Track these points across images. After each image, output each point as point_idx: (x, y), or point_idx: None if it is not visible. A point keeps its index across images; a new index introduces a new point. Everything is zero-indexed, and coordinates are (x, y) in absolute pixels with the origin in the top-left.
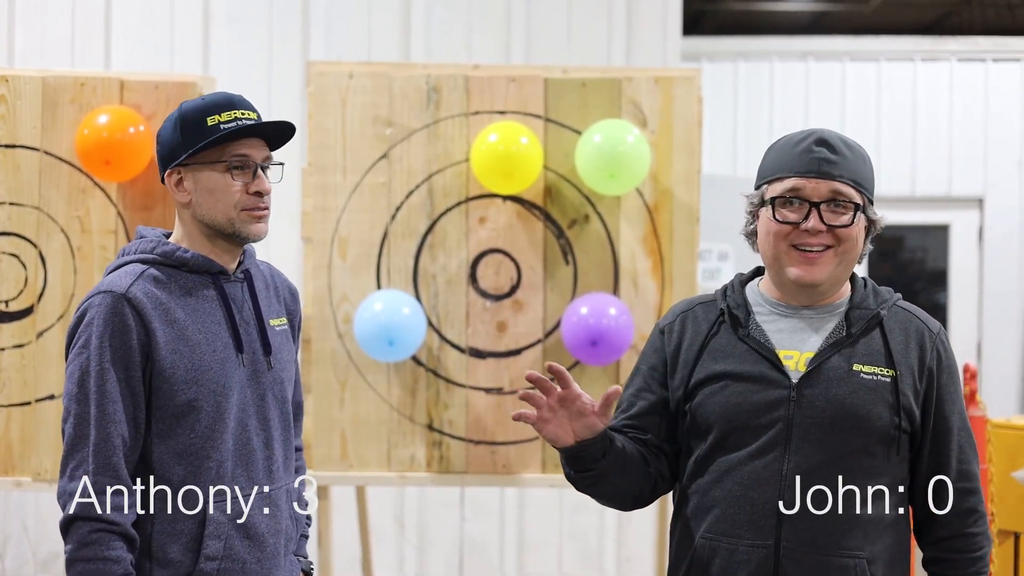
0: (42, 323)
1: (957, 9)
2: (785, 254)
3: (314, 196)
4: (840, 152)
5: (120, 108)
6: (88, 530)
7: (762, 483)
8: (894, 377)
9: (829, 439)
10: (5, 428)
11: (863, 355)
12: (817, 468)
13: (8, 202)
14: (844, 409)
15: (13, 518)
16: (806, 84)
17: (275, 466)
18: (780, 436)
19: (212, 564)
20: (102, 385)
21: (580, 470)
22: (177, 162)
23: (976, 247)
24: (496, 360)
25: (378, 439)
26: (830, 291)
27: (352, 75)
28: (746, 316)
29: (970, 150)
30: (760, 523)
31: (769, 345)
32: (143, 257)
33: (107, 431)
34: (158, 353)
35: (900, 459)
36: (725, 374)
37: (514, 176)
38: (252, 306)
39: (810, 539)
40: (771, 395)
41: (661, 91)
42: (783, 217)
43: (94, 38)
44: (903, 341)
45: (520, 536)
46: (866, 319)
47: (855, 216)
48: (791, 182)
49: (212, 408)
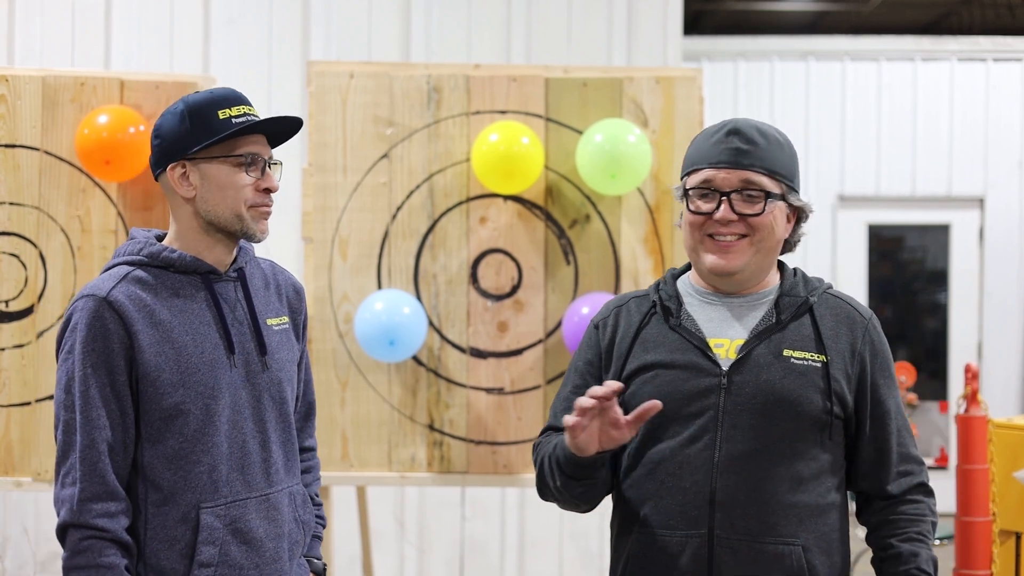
0: (42, 323)
1: (957, 9)
2: (700, 243)
3: (315, 196)
4: (752, 141)
5: (120, 108)
6: (79, 537)
7: (694, 471)
8: (825, 362)
9: (760, 425)
10: (5, 428)
11: (793, 341)
12: (749, 455)
13: (8, 202)
14: (775, 395)
15: (13, 519)
16: (806, 84)
17: (274, 469)
18: (711, 424)
19: (207, 571)
20: (85, 391)
21: (582, 478)
22: (185, 155)
23: (977, 247)
24: (497, 360)
25: (379, 439)
26: (752, 279)
27: (353, 75)
28: (677, 307)
29: (970, 150)
30: (693, 512)
31: (700, 334)
32: (130, 259)
33: (92, 437)
34: (142, 356)
35: (834, 444)
36: (656, 364)
37: (515, 176)
38: (246, 306)
39: (743, 527)
40: (702, 383)
41: (662, 91)
42: (696, 208)
43: (94, 38)
44: (833, 327)
45: (521, 536)
46: (795, 306)
47: (766, 205)
48: (704, 173)
49: (200, 411)
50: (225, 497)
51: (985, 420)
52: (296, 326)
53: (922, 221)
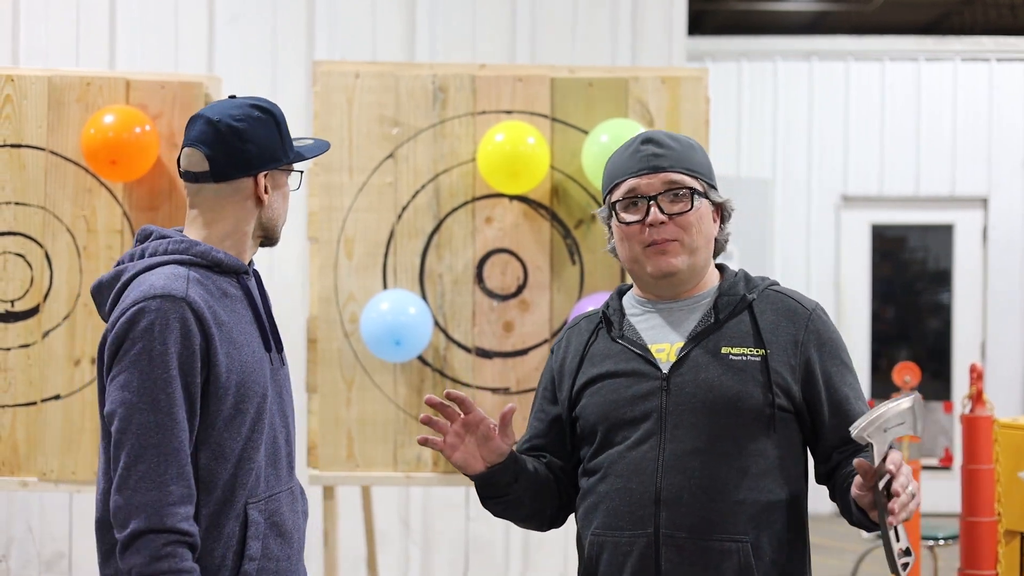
0: (48, 323)
1: (960, 9)
2: (641, 253)
3: (320, 196)
4: (666, 146)
5: (126, 108)
6: (163, 543)
7: (639, 472)
8: (764, 356)
9: (702, 423)
10: (11, 428)
11: (731, 338)
12: (692, 453)
13: (14, 202)
14: (713, 392)
15: (18, 519)
16: (810, 84)
17: (293, 461)
18: (655, 425)
19: (252, 565)
20: (171, 393)
21: (493, 496)
22: (280, 164)
23: (980, 247)
24: (503, 360)
25: (384, 439)
26: (691, 280)
27: (358, 75)
28: (620, 319)
29: (974, 150)
30: (639, 512)
31: (640, 341)
32: (179, 258)
33: (180, 440)
34: (216, 358)
35: (782, 439)
36: (602, 375)
37: (521, 176)
38: (263, 302)
39: (688, 524)
40: (644, 387)
41: (668, 91)
42: (625, 219)
43: (98, 37)
44: (774, 321)
45: (525, 537)
46: (733, 304)
47: (693, 201)
48: (627, 184)
49: (255, 411)
50: (264, 492)
51: (990, 420)
52: None
53: (926, 221)
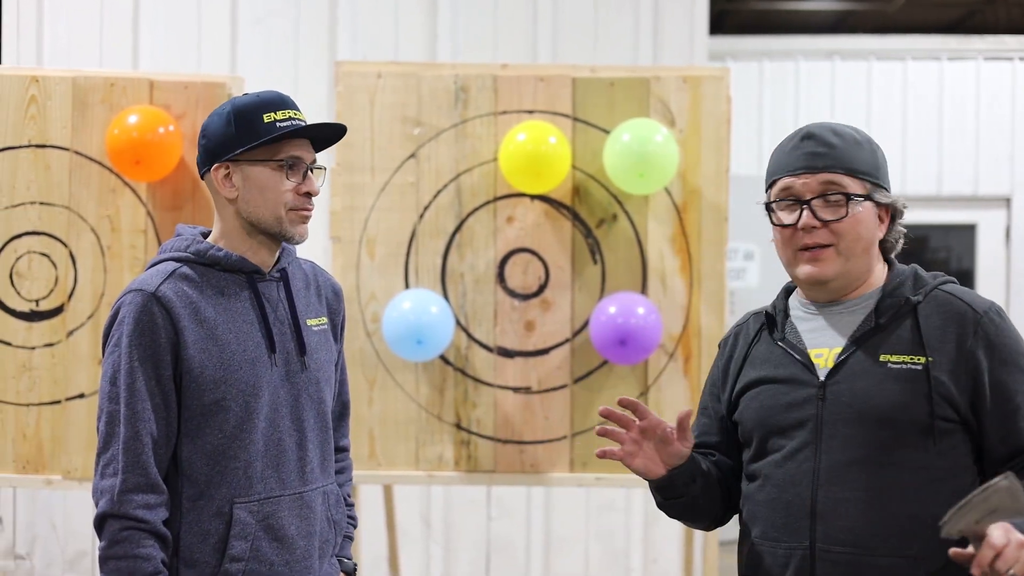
0: (72, 322)
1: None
2: (793, 257)
3: (342, 195)
4: (827, 143)
5: (150, 108)
6: (119, 527)
7: (795, 484)
8: (926, 364)
9: (859, 434)
10: (36, 426)
11: (893, 345)
12: (849, 465)
13: (39, 202)
14: (871, 401)
15: (42, 517)
16: (831, 83)
17: (309, 468)
18: (811, 435)
19: (237, 565)
20: (132, 383)
21: (671, 497)
22: (228, 156)
23: (1003, 247)
24: (524, 359)
25: (406, 438)
26: (849, 285)
27: (380, 75)
28: (783, 320)
29: (997, 149)
30: (795, 525)
31: (800, 346)
32: (177, 255)
33: (136, 429)
34: (186, 352)
35: (946, 451)
36: (761, 380)
37: (542, 175)
38: (287, 306)
39: (844, 539)
40: (799, 395)
41: (690, 90)
42: (779, 220)
43: (122, 38)
44: (940, 326)
45: (547, 536)
46: (896, 307)
47: (848, 208)
48: (782, 182)
49: (240, 408)
50: (259, 494)
51: None
52: (334, 327)
53: (948, 221)
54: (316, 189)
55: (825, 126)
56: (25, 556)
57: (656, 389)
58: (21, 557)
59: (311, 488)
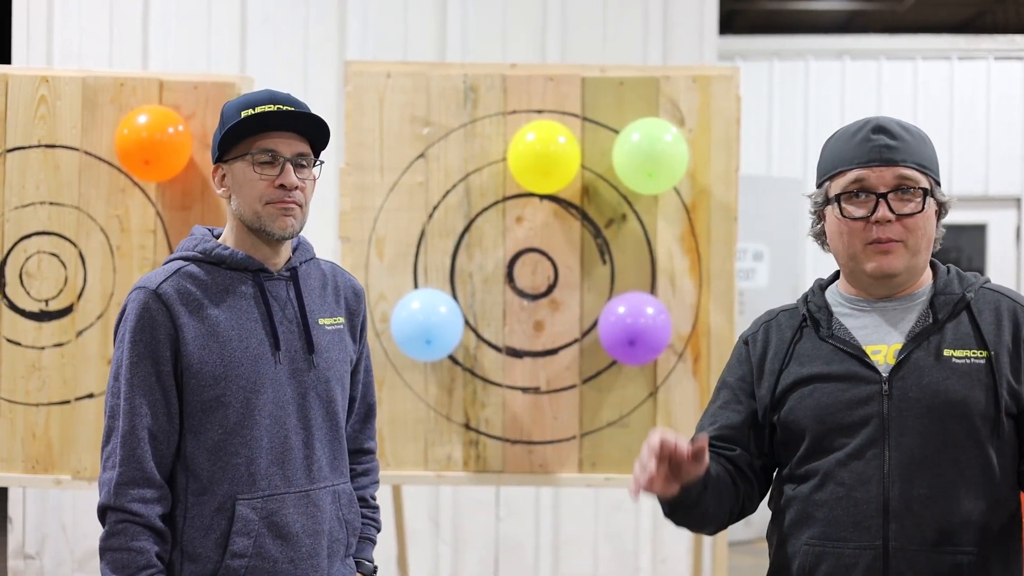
0: (82, 322)
1: (993, 7)
2: (861, 251)
3: (352, 195)
4: (899, 136)
5: (159, 108)
6: (115, 520)
7: (865, 482)
8: (988, 357)
9: (929, 430)
10: (45, 426)
11: (953, 340)
12: (921, 461)
13: (48, 202)
14: (940, 397)
15: (51, 516)
16: (841, 83)
17: (316, 466)
18: (877, 432)
19: (240, 561)
20: (131, 379)
21: (683, 507)
22: (218, 157)
23: (1014, 246)
24: (533, 359)
25: (415, 438)
26: (909, 280)
27: (390, 75)
28: (828, 317)
29: (1007, 149)
30: (866, 523)
31: (854, 342)
32: (185, 254)
33: (133, 424)
34: (186, 348)
35: (1005, 444)
36: (812, 377)
37: (551, 175)
38: (296, 304)
39: (919, 536)
40: (862, 391)
41: (699, 90)
42: (850, 213)
43: (131, 38)
44: (994, 321)
45: (555, 536)
46: (952, 304)
47: (924, 202)
48: (853, 174)
49: (241, 404)
50: (262, 490)
51: None
52: (353, 328)
53: (958, 221)
54: (291, 181)
55: (892, 120)
56: (35, 556)
57: (665, 389)
58: (31, 557)
59: (319, 486)
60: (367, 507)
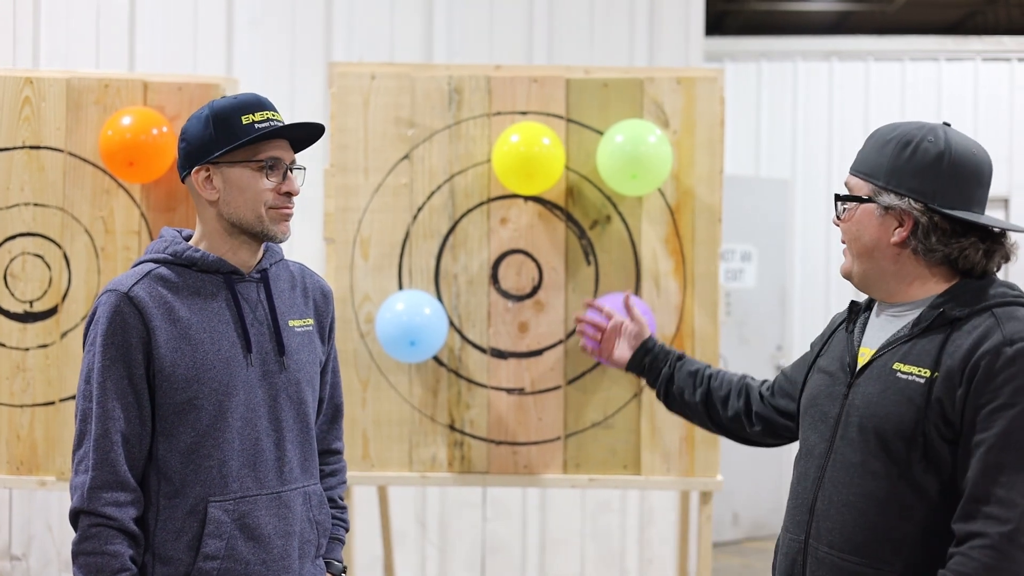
0: (66, 323)
1: (981, 9)
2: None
3: (336, 197)
4: (864, 144)
5: (144, 109)
6: (88, 524)
7: (807, 478)
8: (930, 378)
9: (859, 439)
10: (29, 428)
11: (911, 354)
12: (848, 467)
13: (33, 203)
14: (870, 409)
15: (37, 517)
16: (830, 84)
17: (288, 468)
18: (830, 432)
19: (212, 563)
20: (103, 382)
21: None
22: (208, 159)
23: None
24: (517, 360)
25: (400, 439)
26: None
27: (374, 76)
28: (858, 315)
29: (995, 150)
30: (799, 517)
31: (854, 342)
32: (155, 257)
33: (106, 427)
34: (158, 351)
35: (930, 468)
36: (818, 367)
37: (536, 177)
38: (267, 306)
39: (830, 540)
40: (835, 390)
41: (683, 91)
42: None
43: (118, 40)
44: (961, 343)
45: (542, 536)
46: (932, 319)
47: (847, 209)
48: None
49: (213, 407)
50: (234, 493)
51: None
52: (322, 329)
53: None
54: (296, 189)
55: (881, 128)
56: (21, 557)
57: (649, 390)
58: (17, 558)
59: (290, 488)
60: (336, 507)
